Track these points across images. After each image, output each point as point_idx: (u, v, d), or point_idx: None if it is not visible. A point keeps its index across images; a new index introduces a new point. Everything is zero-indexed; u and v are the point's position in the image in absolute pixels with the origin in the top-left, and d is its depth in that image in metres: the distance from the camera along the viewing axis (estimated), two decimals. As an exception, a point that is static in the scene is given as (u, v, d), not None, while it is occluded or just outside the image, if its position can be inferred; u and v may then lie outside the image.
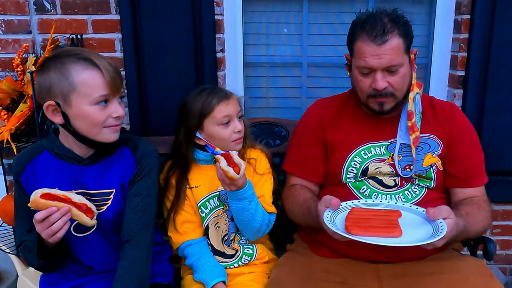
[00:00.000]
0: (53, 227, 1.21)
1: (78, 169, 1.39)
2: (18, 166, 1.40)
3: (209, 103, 1.54)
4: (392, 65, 1.42)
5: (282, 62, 2.25)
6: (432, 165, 1.52)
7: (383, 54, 1.40)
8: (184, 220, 1.60)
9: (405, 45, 1.44)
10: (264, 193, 1.60)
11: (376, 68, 1.43)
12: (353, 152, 1.55)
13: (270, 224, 1.59)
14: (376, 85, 1.44)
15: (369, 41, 1.41)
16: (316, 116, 1.65)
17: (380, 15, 1.44)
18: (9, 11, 1.95)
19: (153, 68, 2.02)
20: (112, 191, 1.41)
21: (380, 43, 1.40)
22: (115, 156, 1.42)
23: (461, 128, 1.56)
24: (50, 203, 1.21)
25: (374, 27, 1.41)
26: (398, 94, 1.48)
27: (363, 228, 1.23)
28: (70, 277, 1.48)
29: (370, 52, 1.41)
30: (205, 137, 1.56)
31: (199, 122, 1.55)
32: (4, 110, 1.84)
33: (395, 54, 1.41)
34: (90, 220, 1.26)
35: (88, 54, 1.29)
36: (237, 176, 1.38)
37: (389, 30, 1.40)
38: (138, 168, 1.42)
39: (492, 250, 1.55)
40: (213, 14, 2.00)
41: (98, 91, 1.28)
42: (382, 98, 1.47)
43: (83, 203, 1.25)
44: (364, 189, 1.54)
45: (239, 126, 1.56)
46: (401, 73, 1.45)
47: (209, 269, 1.54)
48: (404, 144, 1.52)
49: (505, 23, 2.00)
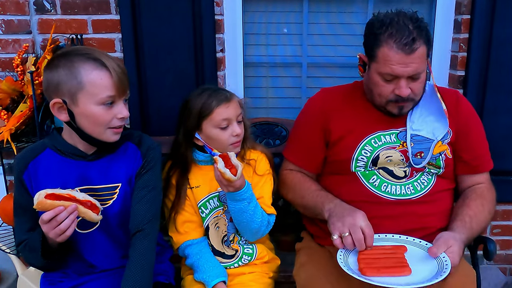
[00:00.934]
0: (61, 226, 1.22)
1: (83, 165, 1.40)
2: (20, 164, 1.40)
3: (209, 104, 1.53)
4: (417, 73, 1.42)
5: (282, 62, 2.25)
6: (441, 153, 1.53)
7: (410, 62, 1.39)
8: (185, 220, 1.60)
9: (428, 51, 1.43)
10: (264, 194, 1.60)
11: (401, 76, 1.41)
12: (363, 140, 1.54)
13: (269, 225, 1.59)
14: (400, 92, 1.43)
15: (397, 49, 1.38)
16: (319, 107, 1.65)
17: (404, 20, 1.40)
18: (9, 11, 1.95)
19: (153, 68, 2.02)
20: (118, 185, 1.42)
21: (409, 52, 1.37)
22: (120, 151, 1.44)
23: (468, 115, 1.58)
24: (56, 203, 1.21)
25: (402, 35, 1.37)
26: (417, 98, 1.50)
27: (376, 269, 1.30)
28: (71, 276, 1.48)
29: (397, 60, 1.39)
30: (203, 138, 1.55)
31: (198, 123, 1.54)
32: (4, 110, 1.84)
33: (421, 62, 1.41)
34: (97, 215, 1.28)
35: (98, 55, 1.30)
36: (234, 178, 1.38)
37: (416, 38, 1.37)
38: (144, 160, 1.44)
39: (492, 250, 1.55)
40: (213, 14, 2.00)
41: (106, 91, 1.29)
42: (403, 103, 1.48)
43: (87, 200, 1.26)
44: (374, 179, 1.54)
45: (237, 130, 1.55)
46: (422, 78, 1.46)
47: (209, 269, 1.54)
48: (414, 134, 1.53)
49: (505, 23, 2.00)
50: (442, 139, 1.54)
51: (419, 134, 1.53)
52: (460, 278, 1.37)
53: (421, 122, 1.55)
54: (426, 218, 1.52)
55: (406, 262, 1.33)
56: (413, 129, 1.53)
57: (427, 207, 1.52)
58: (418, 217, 1.51)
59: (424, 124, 1.54)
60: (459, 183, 1.60)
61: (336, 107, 1.61)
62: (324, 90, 1.71)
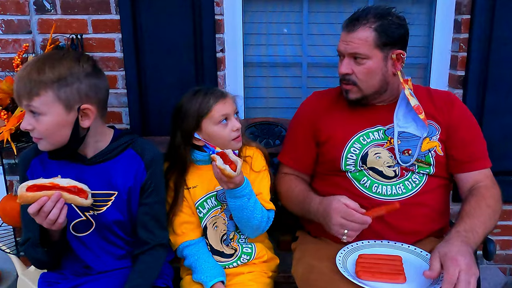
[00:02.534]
0: (50, 216, 1.21)
1: (81, 168, 1.39)
2: (24, 161, 1.41)
3: (207, 103, 1.53)
4: (356, 53, 1.49)
5: (282, 62, 2.25)
6: (431, 150, 1.54)
7: (349, 41, 1.49)
8: (182, 221, 1.60)
9: (379, 41, 1.47)
10: (262, 190, 1.60)
11: (343, 53, 1.52)
12: (352, 138, 1.56)
13: (269, 221, 1.59)
14: (339, 68, 1.54)
15: (344, 27, 1.53)
16: (309, 108, 1.70)
17: (370, 9, 1.51)
18: (9, 11, 1.95)
19: (153, 68, 2.02)
20: (114, 193, 1.41)
21: (348, 30, 1.50)
22: (121, 158, 1.42)
23: (460, 114, 1.59)
24: (37, 194, 1.19)
25: (353, 15, 1.51)
26: (362, 85, 1.53)
27: (371, 274, 1.31)
28: (68, 278, 1.48)
29: (342, 37, 1.53)
30: (203, 137, 1.56)
31: (197, 123, 1.54)
32: (4, 110, 1.84)
33: (361, 44, 1.48)
34: (85, 200, 1.25)
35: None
36: (234, 174, 1.38)
37: (362, 21, 1.47)
38: (149, 173, 1.43)
39: (492, 250, 1.56)
40: (213, 14, 2.00)
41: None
42: (347, 86, 1.55)
43: (73, 185, 1.23)
44: (365, 181, 1.55)
45: (237, 124, 1.56)
46: (366, 65, 1.50)
47: (207, 269, 1.54)
48: (401, 131, 1.54)
49: (505, 23, 2.00)
50: (429, 136, 1.54)
51: (406, 131, 1.54)
52: None
53: (408, 119, 1.55)
54: (419, 219, 1.52)
55: (402, 270, 1.34)
56: (400, 126, 1.55)
57: (419, 208, 1.52)
58: (411, 219, 1.51)
59: (411, 121, 1.55)
60: (459, 184, 1.59)
61: (326, 108, 1.65)
62: (315, 93, 1.78)
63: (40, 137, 1.29)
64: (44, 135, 1.29)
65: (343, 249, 1.46)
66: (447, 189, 1.62)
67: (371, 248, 1.48)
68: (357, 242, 1.49)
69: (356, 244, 1.48)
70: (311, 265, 1.47)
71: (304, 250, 1.61)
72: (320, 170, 1.66)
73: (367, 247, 1.48)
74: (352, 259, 1.42)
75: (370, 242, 1.50)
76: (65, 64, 1.26)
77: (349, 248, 1.47)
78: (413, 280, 1.31)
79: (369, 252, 1.45)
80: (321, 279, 1.40)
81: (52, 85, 1.24)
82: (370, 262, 1.37)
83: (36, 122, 1.27)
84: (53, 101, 1.25)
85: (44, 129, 1.27)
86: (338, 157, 1.56)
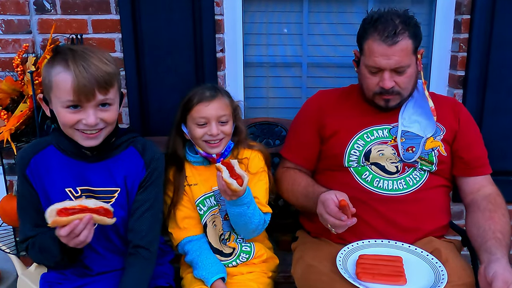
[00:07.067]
0: (80, 237, 1.22)
1: (83, 165, 1.40)
2: (22, 160, 1.40)
3: (191, 100, 1.55)
4: (400, 66, 1.46)
5: (282, 62, 2.25)
6: (434, 149, 1.55)
7: (392, 55, 1.44)
8: (185, 216, 1.61)
9: (414, 46, 1.47)
10: (258, 194, 1.59)
11: (384, 68, 1.46)
12: (356, 135, 1.57)
13: (265, 223, 1.60)
14: (383, 84, 1.48)
15: (380, 41, 1.44)
16: (315, 106, 1.69)
17: (391, 16, 1.46)
18: (9, 11, 1.95)
19: (153, 68, 2.02)
20: (117, 189, 1.41)
21: (391, 44, 1.43)
22: (122, 155, 1.43)
23: (468, 120, 1.61)
24: (70, 218, 1.19)
25: (386, 28, 1.43)
26: (404, 92, 1.52)
27: (371, 275, 1.32)
28: (70, 278, 1.48)
29: (380, 52, 1.45)
30: (188, 131, 1.58)
31: (183, 115, 1.58)
32: (4, 110, 1.84)
33: (404, 55, 1.45)
34: (111, 219, 1.27)
35: (71, 56, 1.26)
36: (240, 188, 1.38)
37: (400, 32, 1.43)
38: (147, 172, 1.43)
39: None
40: (213, 14, 2.00)
41: (66, 95, 1.25)
42: (388, 96, 1.51)
43: (99, 206, 1.25)
44: (366, 175, 1.55)
45: (213, 131, 1.53)
46: (408, 73, 1.49)
47: (209, 266, 1.54)
48: (405, 130, 1.56)
49: (505, 23, 2.00)
50: (433, 135, 1.56)
51: (410, 131, 1.56)
52: (459, 277, 1.37)
53: (412, 119, 1.57)
54: (419, 216, 1.53)
55: (403, 272, 1.34)
56: (404, 125, 1.56)
57: (419, 204, 1.53)
58: (411, 215, 1.52)
59: (415, 121, 1.57)
60: (461, 187, 1.60)
61: (332, 105, 1.66)
62: (321, 91, 1.77)
63: (104, 126, 1.33)
64: (111, 123, 1.34)
65: (343, 249, 1.46)
66: (447, 189, 1.63)
67: (372, 248, 1.48)
68: (358, 242, 1.49)
69: (356, 244, 1.49)
70: (310, 265, 1.47)
71: (303, 250, 1.61)
72: (322, 166, 1.67)
73: (367, 247, 1.48)
74: (352, 260, 1.42)
75: (371, 242, 1.50)
76: (107, 55, 1.34)
77: (350, 248, 1.47)
78: (413, 281, 1.31)
79: (370, 252, 1.45)
80: (321, 279, 1.40)
81: (119, 74, 1.37)
82: (371, 263, 1.37)
83: (105, 113, 1.31)
84: (117, 89, 1.36)
85: (114, 118, 1.35)
86: (341, 153, 1.57)
